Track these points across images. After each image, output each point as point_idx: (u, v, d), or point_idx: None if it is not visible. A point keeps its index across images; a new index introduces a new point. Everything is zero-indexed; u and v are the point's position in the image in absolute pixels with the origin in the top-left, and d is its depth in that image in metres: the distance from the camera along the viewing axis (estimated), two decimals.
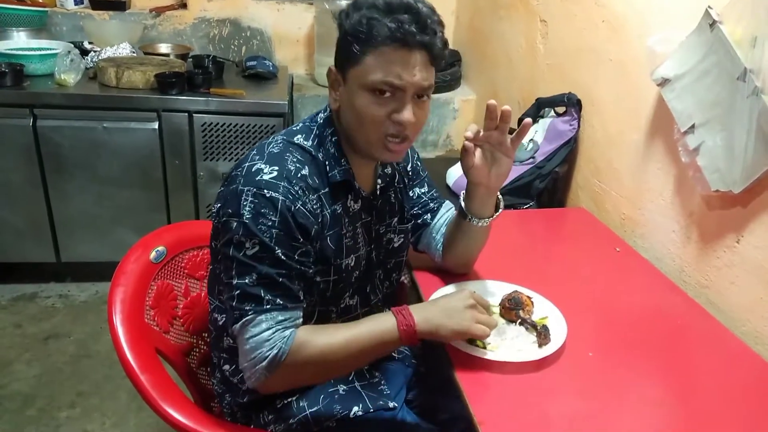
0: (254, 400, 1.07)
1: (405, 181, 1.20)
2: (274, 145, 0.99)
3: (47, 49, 2.39)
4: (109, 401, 1.92)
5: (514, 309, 1.11)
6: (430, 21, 0.91)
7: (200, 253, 1.30)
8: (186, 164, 2.35)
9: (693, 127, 1.29)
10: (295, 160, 0.97)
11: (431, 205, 1.23)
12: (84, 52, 2.48)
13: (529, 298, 1.14)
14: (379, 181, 1.10)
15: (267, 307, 0.92)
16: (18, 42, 2.46)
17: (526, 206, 1.82)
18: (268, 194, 0.91)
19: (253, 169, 0.94)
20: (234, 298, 0.93)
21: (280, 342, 0.92)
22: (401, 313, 0.97)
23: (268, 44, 2.97)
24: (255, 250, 0.91)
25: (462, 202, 1.15)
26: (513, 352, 1.03)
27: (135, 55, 2.56)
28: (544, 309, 1.14)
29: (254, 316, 0.92)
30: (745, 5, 1.14)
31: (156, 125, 2.26)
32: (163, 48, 2.74)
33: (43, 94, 2.20)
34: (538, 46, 2.16)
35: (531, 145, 1.91)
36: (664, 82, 1.36)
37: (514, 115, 2.21)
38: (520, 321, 1.09)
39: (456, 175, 1.96)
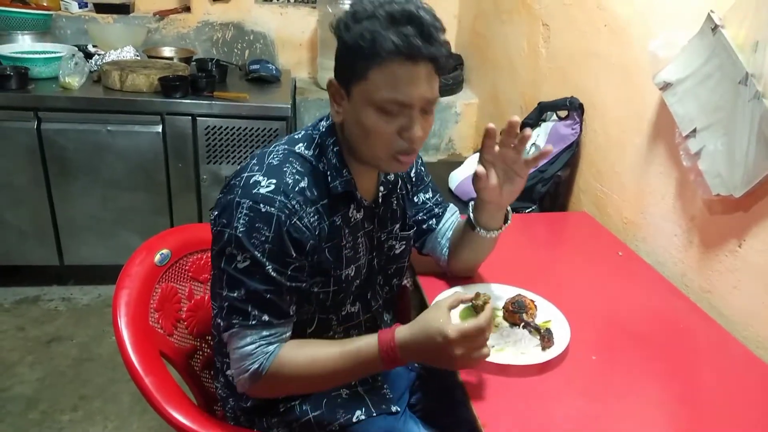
0: (257, 405, 1.07)
1: (408, 187, 1.20)
2: (275, 155, 0.98)
3: (52, 52, 2.41)
4: (112, 404, 1.92)
5: (517, 312, 1.11)
6: (434, 30, 0.88)
7: (204, 256, 1.30)
8: (189, 167, 2.36)
9: (695, 131, 1.29)
10: (294, 171, 0.95)
11: (436, 210, 1.23)
12: (88, 56, 2.50)
13: (533, 301, 1.14)
14: (382, 188, 1.09)
15: (252, 323, 0.92)
16: (23, 45, 2.47)
17: (529, 210, 1.82)
18: (263, 208, 0.90)
19: (251, 181, 0.93)
20: (223, 309, 0.94)
21: (261, 357, 0.93)
22: (387, 354, 0.91)
23: (271, 48, 2.98)
24: (246, 264, 0.91)
25: (471, 214, 1.15)
26: (516, 355, 1.04)
27: (139, 58, 2.57)
28: (547, 312, 1.15)
29: (240, 330, 0.93)
30: (747, 10, 1.14)
31: (159, 128, 2.27)
32: (167, 51, 2.75)
33: (48, 97, 2.21)
34: (540, 50, 2.16)
35: (533, 149, 1.91)
36: (665, 86, 1.37)
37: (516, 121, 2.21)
38: (523, 324, 1.10)
39: (459, 178, 1.96)
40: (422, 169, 1.23)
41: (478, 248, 1.19)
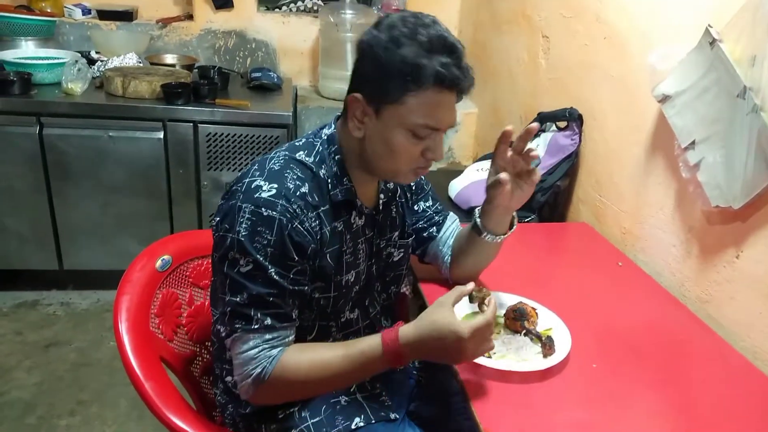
0: (256, 411, 1.08)
1: (407, 195, 1.21)
2: (276, 161, 0.99)
3: (55, 58, 2.43)
4: (110, 409, 1.92)
5: (519, 320, 1.12)
6: (465, 59, 0.91)
7: (204, 263, 1.30)
8: (190, 174, 2.37)
9: (693, 143, 1.30)
10: (295, 177, 0.96)
11: (436, 218, 1.24)
12: (91, 62, 2.51)
13: (534, 309, 1.16)
14: (382, 196, 1.11)
15: (255, 327, 0.93)
16: (26, 51, 2.49)
17: (528, 219, 1.83)
18: (265, 212, 0.91)
19: (252, 186, 0.94)
20: (226, 314, 0.94)
21: (265, 361, 0.93)
22: (391, 354, 0.92)
23: (272, 56, 3.00)
24: (248, 269, 0.91)
25: (477, 219, 1.16)
26: (518, 362, 1.05)
27: (141, 65, 2.59)
28: (548, 320, 1.15)
29: (242, 334, 0.93)
30: (745, 25, 1.16)
31: (161, 135, 2.29)
32: (170, 59, 2.77)
33: (50, 102, 2.23)
34: (540, 61, 2.18)
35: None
36: (664, 99, 1.38)
37: (516, 128, 2.23)
38: (525, 332, 1.11)
39: (458, 187, 1.97)
40: (422, 177, 1.24)
41: (482, 254, 1.21)
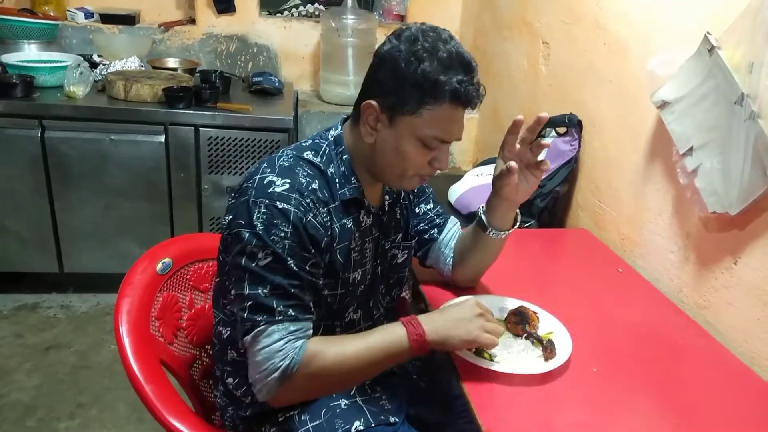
0: (257, 414, 1.08)
1: (410, 197, 1.23)
2: (285, 158, 1.00)
3: (57, 61, 2.44)
4: (109, 412, 1.92)
5: (520, 323, 1.13)
6: (478, 76, 0.96)
7: (205, 266, 1.31)
8: (191, 177, 2.38)
9: (691, 149, 1.31)
10: (305, 173, 0.98)
11: (437, 220, 1.26)
12: (93, 65, 2.53)
13: (535, 313, 1.17)
14: (387, 197, 1.13)
15: (279, 318, 0.93)
16: (29, 54, 2.50)
17: (527, 225, 1.84)
18: (280, 206, 0.93)
19: (265, 182, 0.95)
20: (246, 309, 0.94)
21: (292, 352, 0.92)
22: (411, 324, 0.98)
23: (274, 60, 3.01)
24: (268, 261, 0.93)
25: (483, 215, 1.18)
26: (519, 365, 1.05)
27: (143, 68, 2.60)
28: (549, 324, 1.16)
29: (266, 327, 0.93)
30: (743, 32, 1.17)
31: (162, 138, 2.30)
32: (171, 62, 2.79)
33: (52, 105, 2.24)
34: (540, 67, 2.19)
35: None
36: (663, 105, 1.39)
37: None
38: (526, 335, 1.12)
39: (458, 192, 1.98)
40: None
41: (486, 251, 1.22)
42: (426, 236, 1.25)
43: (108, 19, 2.80)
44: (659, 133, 1.49)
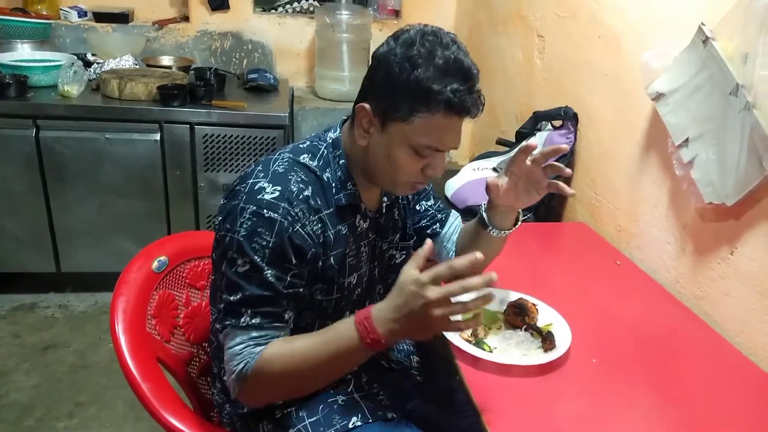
0: (254, 411, 1.08)
1: (408, 197, 1.22)
2: (280, 162, 0.99)
3: (51, 60, 2.43)
4: (107, 411, 1.92)
5: (519, 315, 1.13)
6: (478, 87, 0.92)
7: (201, 264, 1.31)
8: (187, 175, 2.37)
9: (687, 140, 1.31)
10: (299, 180, 0.96)
11: (439, 216, 1.25)
12: (87, 64, 2.51)
13: (534, 305, 1.17)
14: (385, 198, 1.11)
15: (243, 325, 0.93)
16: (22, 54, 2.49)
17: (524, 218, 1.83)
18: (266, 214, 0.91)
19: (255, 187, 0.94)
20: (220, 311, 0.95)
21: (248, 357, 0.92)
22: (363, 326, 0.86)
23: (269, 57, 3.00)
24: (245, 269, 0.92)
25: (484, 213, 1.18)
26: (519, 357, 1.06)
27: (137, 67, 2.59)
28: (548, 316, 1.17)
29: (231, 330, 0.94)
30: (737, 23, 1.17)
31: (158, 136, 2.29)
32: (166, 60, 2.77)
33: (46, 105, 2.23)
34: (535, 61, 2.19)
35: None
36: (658, 97, 1.39)
37: (512, 127, 2.24)
38: (525, 327, 1.12)
39: (455, 187, 1.98)
40: None
41: (488, 248, 1.21)
42: (428, 231, 1.24)
43: (101, 17, 2.79)
44: (655, 124, 1.49)
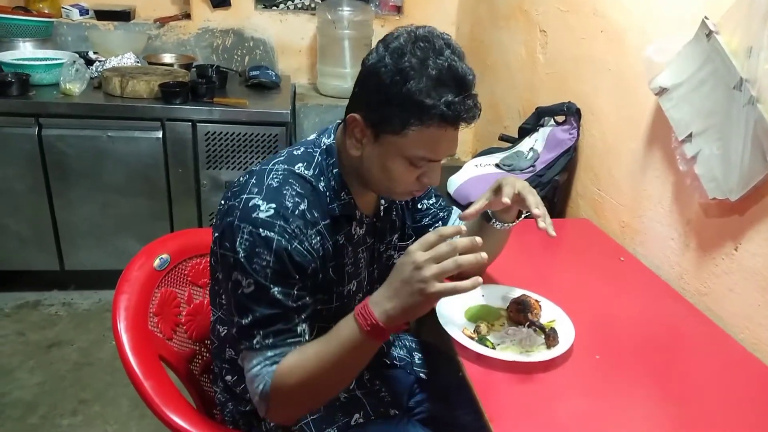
0: (256, 409, 1.08)
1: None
2: (274, 175, 0.96)
3: (53, 59, 2.43)
4: (111, 409, 1.92)
5: (522, 312, 1.13)
6: (474, 94, 0.89)
7: (203, 261, 1.31)
8: (189, 173, 2.37)
9: (690, 135, 1.30)
10: (294, 193, 0.94)
11: (441, 213, 1.24)
12: (89, 62, 2.52)
13: (537, 301, 1.17)
14: (383, 201, 1.10)
15: (257, 347, 0.92)
16: (24, 52, 2.49)
17: (527, 214, 1.83)
18: (263, 233, 0.89)
19: (250, 204, 0.91)
20: (236, 333, 0.94)
21: (266, 376, 0.92)
22: (361, 314, 0.86)
23: (271, 54, 3.00)
24: (251, 290, 0.90)
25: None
26: (522, 353, 1.06)
27: (139, 65, 2.59)
28: (551, 313, 1.16)
29: (246, 353, 0.93)
30: (741, 16, 1.16)
31: (160, 134, 2.29)
32: (167, 58, 2.77)
33: (49, 103, 2.23)
34: (537, 56, 2.18)
35: (531, 153, 1.92)
36: (661, 92, 1.38)
37: (515, 123, 2.23)
38: (528, 323, 1.11)
39: (457, 183, 1.97)
40: None
41: (492, 242, 1.21)
42: (430, 230, 1.23)
43: (103, 15, 2.78)
44: (658, 119, 1.48)
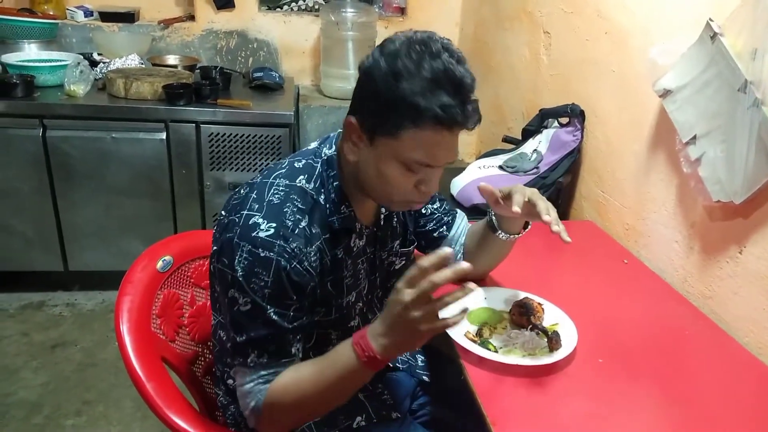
0: None
1: None
2: (275, 191, 0.94)
3: (57, 60, 2.44)
4: (115, 409, 1.93)
5: (525, 315, 1.13)
6: (473, 96, 0.86)
7: (206, 263, 1.30)
8: (193, 174, 2.38)
9: (694, 138, 1.29)
10: (295, 210, 0.93)
11: (446, 218, 1.24)
12: (93, 64, 2.52)
13: (540, 304, 1.17)
14: (383, 209, 1.09)
15: (251, 365, 0.92)
16: (29, 54, 2.50)
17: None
18: (262, 253, 0.88)
19: (249, 222, 0.90)
20: (231, 347, 0.95)
21: (259, 394, 0.93)
22: (359, 345, 0.86)
23: (274, 55, 3.00)
24: (247, 309, 0.90)
25: (493, 218, 1.18)
26: (524, 357, 1.05)
27: (143, 66, 2.60)
28: (554, 316, 1.16)
29: (239, 368, 0.94)
30: (746, 18, 1.15)
31: (164, 136, 2.29)
32: (171, 59, 2.78)
33: (53, 105, 2.24)
34: (541, 58, 2.17)
35: (535, 155, 1.92)
36: (665, 94, 1.37)
37: (519, 125, 2.23)
38: (531, 327, 1.11)
39: (461, 185, 1.97)
40: None
41: (496, 251, 1.22)
42: (435, 234, 1.23)
43: (107, 17, 2.79)
44: (662, 122, 1.48)
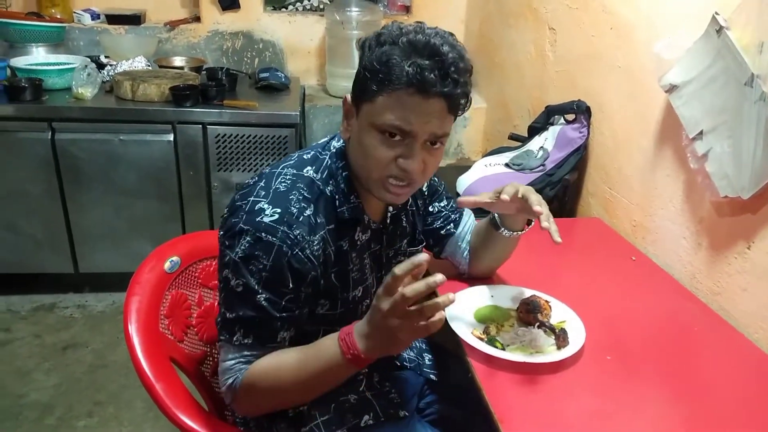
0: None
1: (418, 203, 1.19)
2: (282, 179, 0.96)
3: (65, 63, 2.45)
4: (126, 410, 1.95)
5: (532, 312, 1.13)
6: (453, 69, 0.85)
7: (213, 263, 1.31)
8: (200, 175, 2.39)
9: (701, 133, 1.28)
10: (300, 198, 0.94)
11: (453, 216, 1.24)
12: (100, 66, 2.54)
13: (547, 302, 1.17)
14: (391, 208, 1.09)
15: (236, 343, 0.94)
16: (37, 57, 2.52)
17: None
18: (265, 237, 0.90)
19: (255, 207, 0.92)
20: (219, 322, 0.97)
21: (238, 373, 0.94)
22: (345, 341, 0.86)
23: (280, 56, 3.01)
24: (239, 290, 0.92)
25: (496, 215, 1.18)
26: (532, 354, 1.05)
27: (150, 68, 2.61)
28: (561, 313, 1.16)
29: (224, 344, 0.96)
30: (752, 11, 1.14)
31: (171, 137, 2.31)
32: (178, 61, 2.79)
33: (61, 107, 2.25)
34: (547, 54, 2.17)
35: (541, 152, 1.91)
36: (671, 89, 1.37)
37: (524, 122, 2.22)
38: (538, 324, 1.11)
39: (467, 183, 1.96)
40: (435, 180, 1.23)
41: (501, 248, 1.22)
42: (443, 232, 1.23)
43: (114, 19, 2.81)
44: (668, 117, 1.47)
